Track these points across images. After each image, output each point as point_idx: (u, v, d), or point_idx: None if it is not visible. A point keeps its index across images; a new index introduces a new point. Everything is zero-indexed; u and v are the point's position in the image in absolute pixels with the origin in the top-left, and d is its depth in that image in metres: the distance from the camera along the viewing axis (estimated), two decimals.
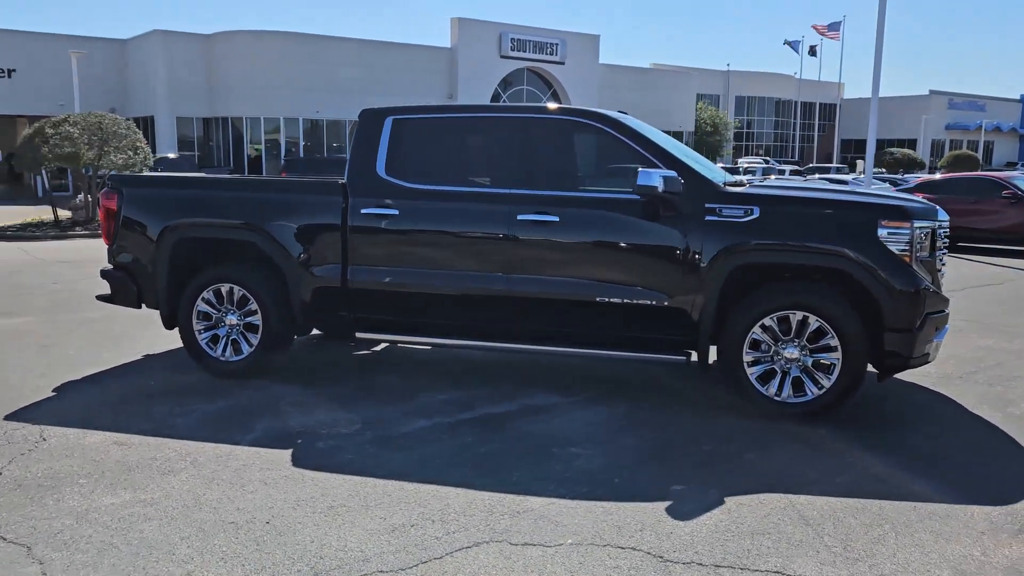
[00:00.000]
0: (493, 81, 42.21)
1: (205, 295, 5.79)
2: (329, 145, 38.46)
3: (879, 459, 4.38)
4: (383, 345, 6.88)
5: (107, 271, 6.13)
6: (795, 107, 65.98)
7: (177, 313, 5.88)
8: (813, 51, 54.21)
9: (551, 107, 5.53)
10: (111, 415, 4.96)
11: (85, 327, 7.59)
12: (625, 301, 5.13)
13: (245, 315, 5.76)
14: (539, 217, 5.20)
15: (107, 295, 6.19)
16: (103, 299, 6.23)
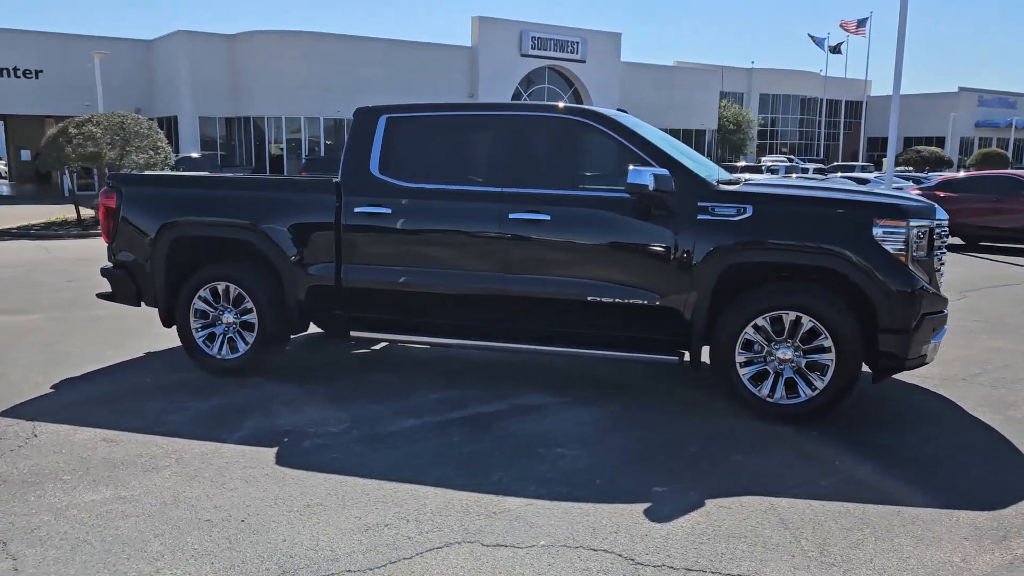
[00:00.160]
0: (514, 80, 42.19)
1: (202, 293, 5.83)
2: None
3: (869, 462, 4.31)
4: (382, 344, 6.89)
5: (107, 269, 6.19)
6: (820, 105, 65.27)
7: (175, 311, 5.93)
8: (837, 49, 53.60)
9: (544, 105, 5.51)
10: (104, 412, 5.01)
11: (92, 325, 7.67)
12: (617, 301, 5.09)
13: (241, 313, 5.79)
14: (531, 216, 5.18)
15: (107, 293, 6.25)
16: (103, 297, 6.29)
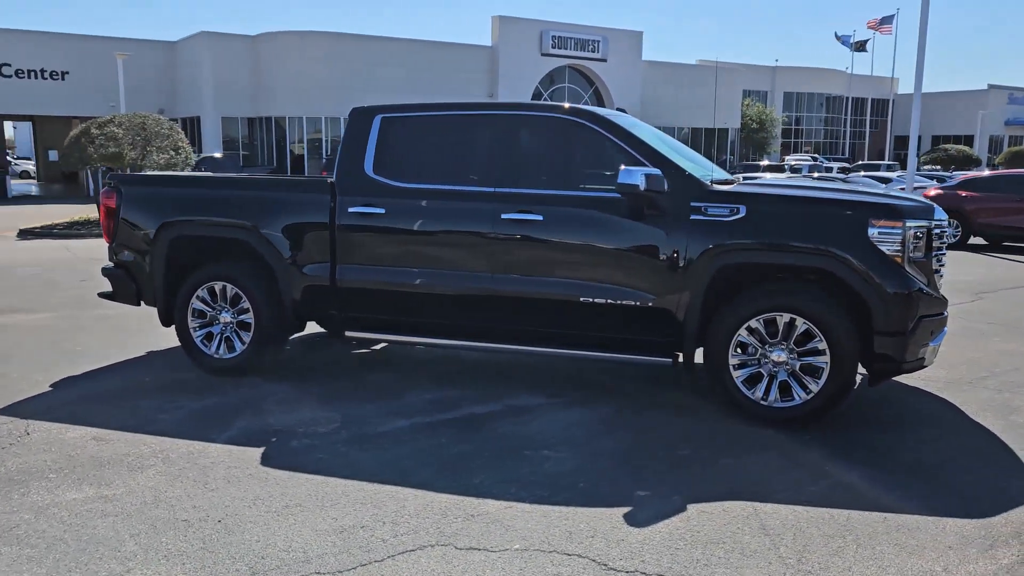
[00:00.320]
0: (534, 79, 42.16)
1: (200, 293, 5.86)
2: None
3: (861, 467, 4.23)
4: (382, 344, 6.89)
5: (108, 269, 6.24)
6: (846, 103, 64.51)
7: (173, 311, 5.97)
8: (862, 46, 52.92)
9: (538, 105, 5.48)
10: (98, 410, 5.04)
11: (100, 323, 7.75)
12: (609, 302, 5.04)
13: (239, 313, 5.81)
14: (523, 216, 5.14)
15: (108, 292, 6.31)
16: (104, 296, 6.35)
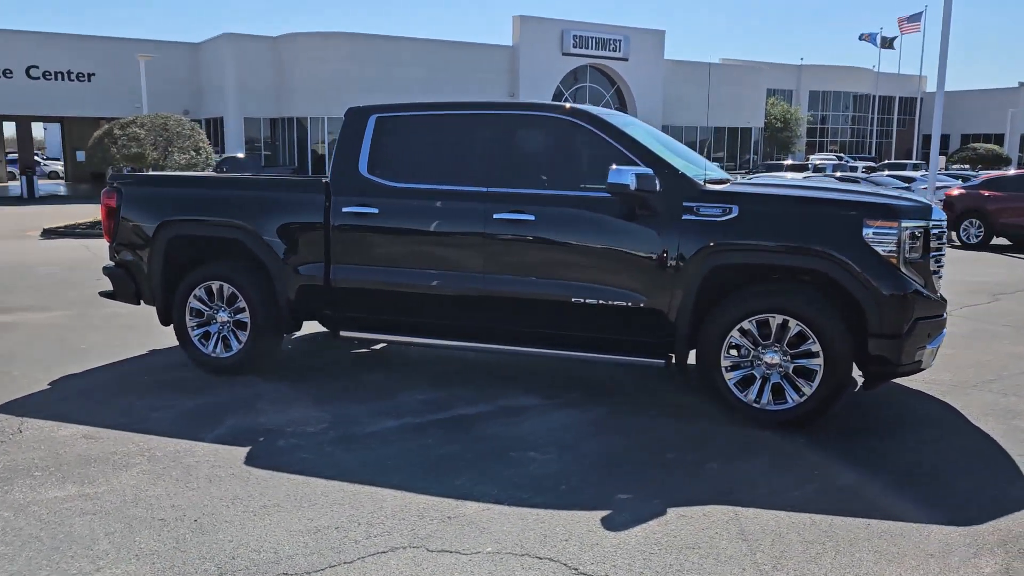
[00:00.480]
0: (555, 79, 42.07)
1: (197, 292, 5.88)
2: None
3: (851, 471, 4.15)
4: (382, 344, 6.89)
5: (108, 268, 6.30)
6: (872, 101, 63.71)
7: (172, 310, 6.00)
8: (889, 44, 52.19)
9: (530, 104, 5.44)
10: (92, 409, 5.08)
11: (109, 322, 7.82)
12: (601, 302, 4.99)
13: (235, 312, 5.83)
14: (515, 216, 5.11)
15: (109, 291, 6.37)
16: (105, 295, 6.41)
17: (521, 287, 5.15)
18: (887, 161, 48.79)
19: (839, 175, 28.74)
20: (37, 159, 53.43)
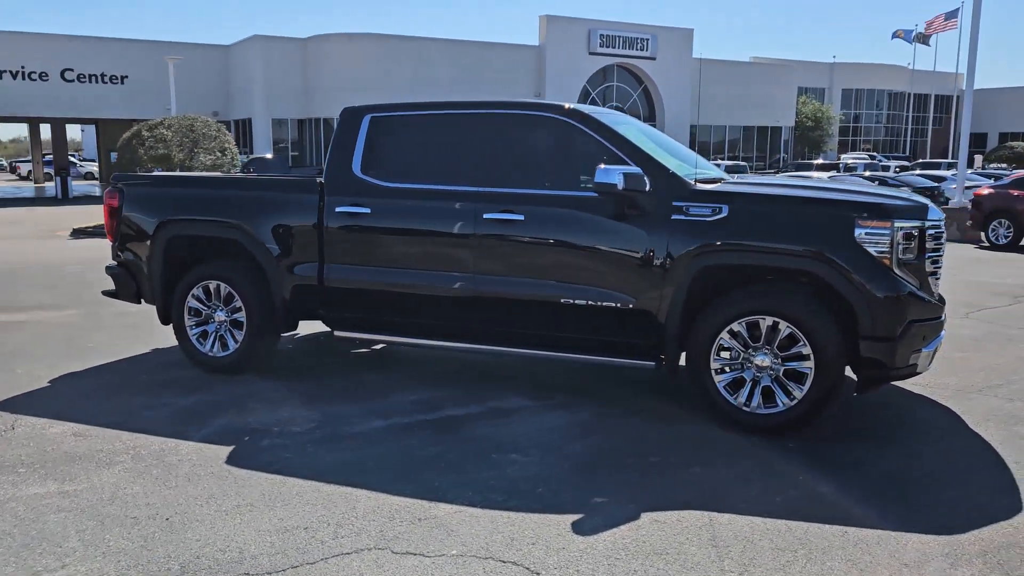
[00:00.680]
0: (582, 78, 41.94)
1: (195, 292, 5.93)
2: None
3: (836, 478, 4.05)
4: (381, 344, 6.89)
5: (110, 267, 6.37)
6: (907, 99, 62.62)
7: (171, 309, 6.06)
8: (925, 40, 51.23)
9: (520, 102, 5.38)
10: (86, 407, 5.14)
11: (119, 320, 7.92)
12: (590, 303, 4.95)
13: (232, 312, 5.87)
14: (505, 216, 5.08)
15: (111, 291, 6.45)
16: (107, 294, 6.49)
17: (511, 287, 5.12)
18: (920, 160, 47.91)
19: (868, 175, 28.32)
20: (73, 160, 54.44)
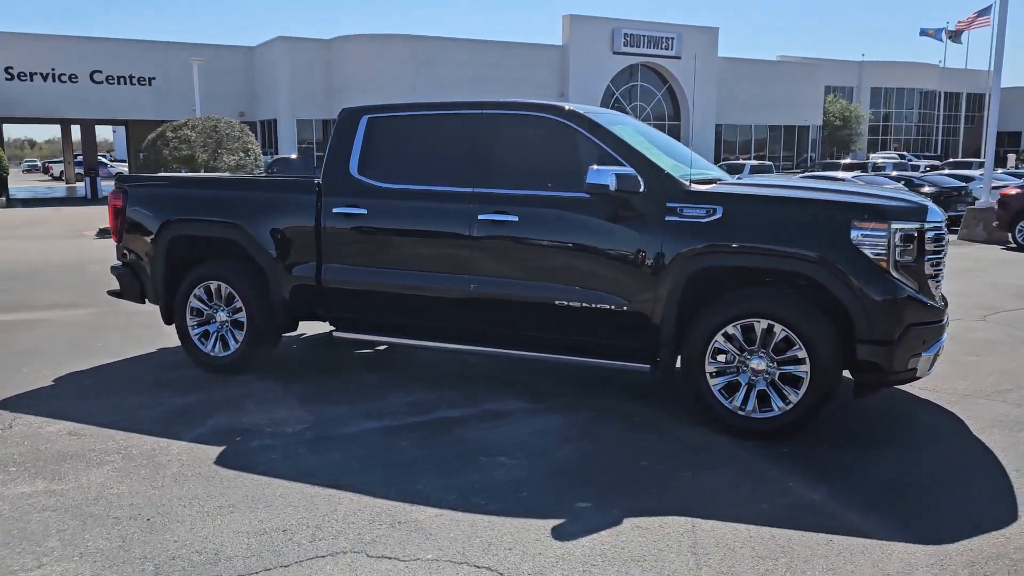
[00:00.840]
0: (605, 78, 41.78)
1: (197, 292, 5.97)
2: None
3: (829, 485, 3.97)
4: (383, 345, 6.89)
5: (115, 267, 6.43)
6: (938, 98, 61.65)
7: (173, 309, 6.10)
8: (956, 37, 50.34)
9: (516, 102, 5.34)
10: (84, 406, 5.18)
11: (130, 319, 7.99)
12: (584, 305, 4.90)
13: (233, 312, 5.89)
14: (499, 217, 5.05)
15: (116, 291, 6.51)
16: (112, 294, 6.55)
17: (505, 289, 5.09)
18: (951, 159, 47.12)
19: (895, 174, 27.91)
20: (104, 160, 55.31)
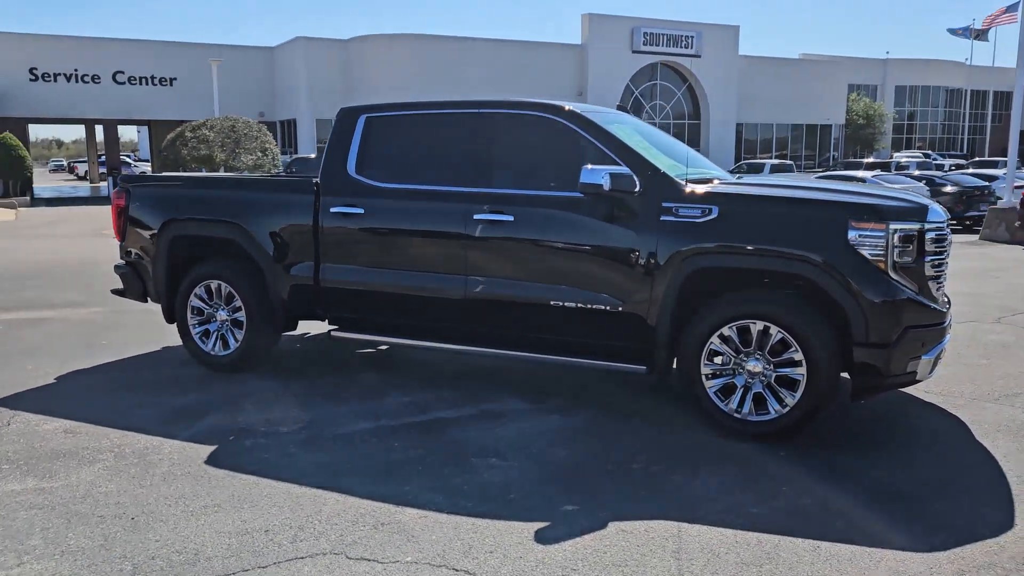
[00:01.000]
0: (624, 77, 41.61)
1: (197, 291, 5.99)
2: None
3: (822, 489, 3.90)
4: (385, 346, 6.87)
5: (119, 266, 6.47)
6: (964, 96, 60.81)
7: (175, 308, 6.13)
8: (983, 35, 49.61)
9: (512, 101, 5.30)
10: (83, 404, 5.21)
11: (140, 317, 8.01)
12: (579, 305, 4.85)
13: (233, 311, 5.91)
14: (494, 216, 5.02)
15: (119, 289, 6.55)
16: (116, 293, 6.59)
17: (501, 289, 5.05)
18: (977, 158, 46.45)
19: (917, 173, 27.56)
20: (129, 160, 55.89)
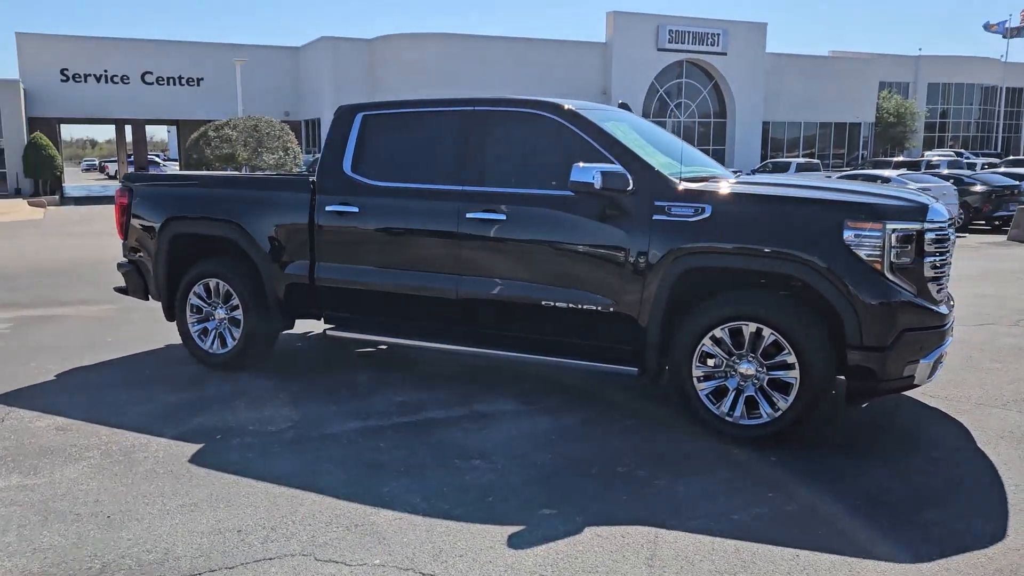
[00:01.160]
0: (650, 75, 41.30)
1: (196, 289, 6.01)
2: None
3: (810, 495, 3.80)
4: (384, 345, 6.84)
5: (121, 264, 6.51)
6: (999, 93, 59.60)
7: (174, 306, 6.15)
8: (1017, 32, 48.58)
9: (507, 99, 5.24)
10: (78, 401, 5.24)
11: (149, 316, 8.03)
12: (570, 305, 4.79)
13: (231, 309, 5.92)
14: (487, 215, 4.96)
15: (122, 287, 6.59)
16: (118, 291, 6.64)
17: (492, 288, 5.00)
18: (1011, 157, 45.53)
19: (946, 172, 27.08)
20: (158, 160, 56.63)
